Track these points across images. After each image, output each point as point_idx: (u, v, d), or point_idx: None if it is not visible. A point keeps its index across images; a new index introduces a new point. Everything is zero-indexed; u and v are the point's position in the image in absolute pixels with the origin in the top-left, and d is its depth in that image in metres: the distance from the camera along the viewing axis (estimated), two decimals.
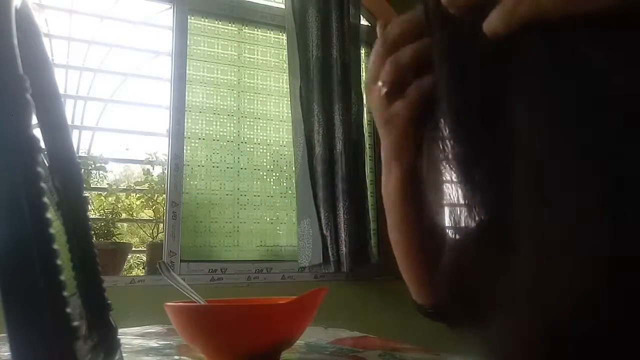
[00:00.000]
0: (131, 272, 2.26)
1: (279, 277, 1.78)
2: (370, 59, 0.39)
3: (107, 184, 1.84)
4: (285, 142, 1.91)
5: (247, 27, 1.96)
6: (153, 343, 0.65)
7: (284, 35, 1.93)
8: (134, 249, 1.87)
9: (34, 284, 0.19)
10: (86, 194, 0.34)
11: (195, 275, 1.68)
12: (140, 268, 2.29)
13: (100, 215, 1.75)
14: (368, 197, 1.85)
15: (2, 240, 0.18)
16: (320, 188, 1.74)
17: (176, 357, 0.55)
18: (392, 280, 1.70)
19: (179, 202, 1.71)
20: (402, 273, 0.45)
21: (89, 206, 0.35)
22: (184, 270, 1.68)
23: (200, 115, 1.82)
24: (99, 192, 1.80)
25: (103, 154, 1.78)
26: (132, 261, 2.32)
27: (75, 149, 0.86)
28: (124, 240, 1.82)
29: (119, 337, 0.35)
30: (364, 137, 1.90)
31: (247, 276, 1.75)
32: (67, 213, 0.30)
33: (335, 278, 1.76)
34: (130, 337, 0.70)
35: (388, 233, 0.44)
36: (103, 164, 1.76)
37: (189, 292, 0.60)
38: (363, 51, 2.05)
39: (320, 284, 1.74)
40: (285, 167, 1.91)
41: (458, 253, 0.31)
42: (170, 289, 0.60)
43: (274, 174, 1.90)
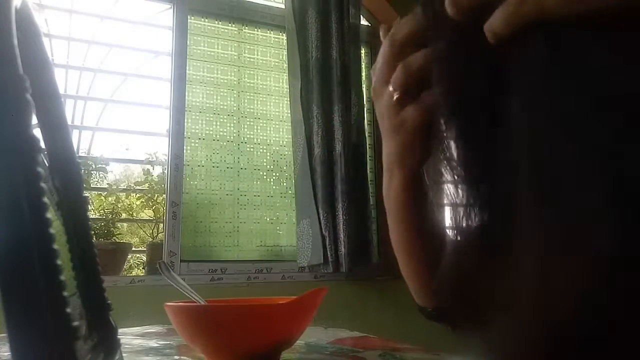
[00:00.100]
0: (131, 272, 2.26)
1: (279, 277, 1.78)
2: (377, 62, 0.38)
3: (107, 184, 1.84)
4: (285, 142, 1.91)
5: (247, 27, 1.96)
6: (153, 343, 0.65)
7: (284, 35, 1.93)
8: (134, 249, 1.87)
9: (34, 284, 0.19)
10: (86, 194, 0.34)
11: (195, 275, 1.68)
12: (140, 268, 2.30)
13: (100, 215, 1.75)
14: (370, 197, 1.85)
15: (2, 240, 0.18)
16: (319, 189, 1.74)
17: (176, 357, 0.55)
18: (392, 280, 1.71)
19: (179, 202, 1.71)
20: (403, 275, 0.45)
21: (89, 206, 0.35)
22: (184, 270, 1.68)
23: (200, 115, 1.82)
24: (99, 192, 1.80)
25: (103, 154, 1.78)
26: (132, 261, 2.32)
27: (75, 149, 0.86)
28: (124, 240, 1.82)
29: (119, 337, 0.35)
30: (365, 138, 1.90)
31: (247, 276, 1.75)
32: (67, 213, 0.30)
33: (335, 278, 1.76)
34: (130, 337, 0.70)
35: (389, 235, 0.44)
36: (103, 165, 1.76)
37: (189, 292, 0.60)
38: (363, 51, 2.05)
39: (320, 284, 1.74)
40: (285, 167, 1.91)
41: (460, 255, 0.31)
42: (170, 289, 0.60)
43: (274, 174, 1.90)
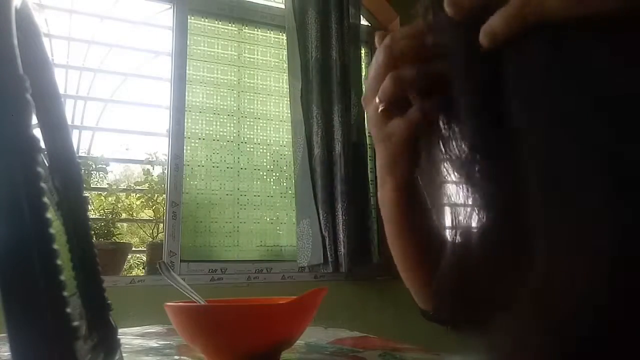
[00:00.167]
0: (131, 272, 2.26)
1: (279, 277, 1.78)
2: (370, 70, 0.38)
3: (107, 184, 1.84)
4: (285, 142, 1.91)
5: (247, 27, 1.96)
6: (153, 343, 0.65)
7: (284, 35, 1.93)
8: (134, 249, 1.87)
9: (34, 284, 0.19)
10: (86, 194, 0.34)
11: (195, 275, 1.68)
12: (140, 268, 2.30)
13: (100, 215, 1.75)
14: (370, 198, 1.85)
15: (2, 240, 0.18)
16: (319, 189, 1.74)
17: (176, 357, 0.55)
18: (392, 280, 1.70)
19: (179, 202, 1.71)
20: (403, 278, 0.45)
21: (89, 206, 0.35)
22: (184, 270, 1.68)
23: (200, 115, 1.82)
24: (99, 192, 1.80)
25: (103, 154, 1.78)
26: (132, 261, 2.32)
27: (75, 149, 0.86)
28: (124, 240, 1.82)
29: (119, 337, 0.35)
30: (365, 138, 1.90)
31: (247, 276, 1.75)
32: (67, 213, 0.30)
33: (335, 278, 1.76)
34: (130, 337, 0.70)
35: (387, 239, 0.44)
36: (103, 165, 1.76)
37: (189, 292, 0.60)
38: (363, 51, 2.05)
39: (320, 284, 1.74)
40: (285, 167, 1.90)
41: (460, 255, 0.31)
42: (170, 289, 0.60)
43: (274, 174, 1.90)
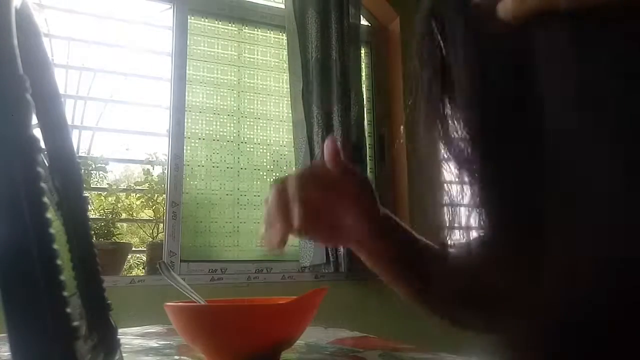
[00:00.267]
0: (131, 272, 2.26)
1: (279, 277, 1.78)
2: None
3: (107, 184, 1.84)
4: (285, 142, 1.91)
5: (247, 27, 1.96)
6: (153, 343, 0.65)
7: (284, 35, 1.92)
8: (134, 249, 1.87)
9: (34, 284, 0.19)
10: (86, 194, 0.34)
11: (195, 275, 1.68)
12: (140, 268, 2.29)
13: (100, 215, 1.75)
14: None
15: (2, 240, 0.18)
16: None
17: (176, 357, 0.55)
18: None
19: (179, 202, 1.71)
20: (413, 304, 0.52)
21: (89, 206, 0.35)
22: (184, 270, 1.68)
23: (200, 115, 1.82)
24: (99, 192, 1.80)
25: (103, 154, 1.78)
26: (132, 261, 2.32)
27: (75, 149, 0.86)
28: (124, 240, 1.82)
29: (119, 337, 0.35)
30: (365, 137, 1.90)
31: (247, 276, 1.74)
32: (67, 213, 0.30)
33: (335, 278, 1.76)
34: (130, 337, 0.70)
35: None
36: (103, 165, 1.76)
37: (189, 292, 0.60)
38: (363, 51, 2.05)
39: (320, 283, 1.74)
40: (285, 167, 1.90)
41: (465, 258, 0.31)
42: (170, 289, 0.60)
43: (274, 174, 1.89)
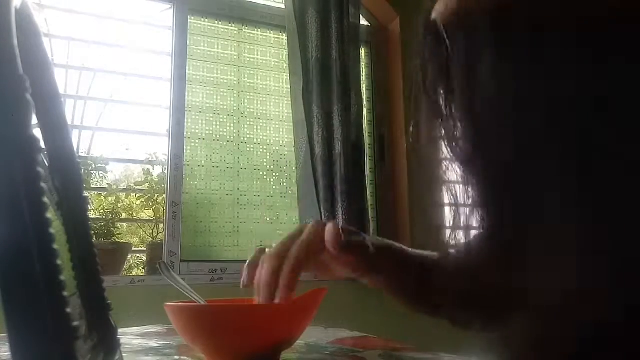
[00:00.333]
0: (131, 272, 2.26)
1: None
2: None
3: (107, 184, 1.84)
4: (285, 142, 1.91)
5: (247, 27, 1.96)
6: (153, 343, 0.65)
7: (284, 35, 1.92)
8: (134, 249, 1.87)
9: (34, 284, 0.19)
10: (86, 194, 0.34)
11: (195, 275, 1.68)
12: (140, 268, 2.29)
13: (100, 215, 1.75)
14: (367, 198, 1.85)
15: (2, 240, 0.18)
16: (321, 188, 1.74)
17: (176, 357, 0.55)
18: None
19: (179, 202, 1.71)
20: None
21: (89, 206, 0.35)
22: (184, 270, 1.68)
23: (200, 115, 1.82)
24: (99, 192, 1.80)
25: (103, 154, 1.78)
26: (132, 261, 2.32)
27: (75, 149, 0.86)
28: (124, 240, 1.82)
29: (119, 337, 0.35)
30: (364, 137, 1.90)
31: None
32: (67, 213, 0.30)
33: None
34: (130, 337, 0.70)
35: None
36: (103, 165, 1.75)
37: (189, 292, 0.60)
38: (363, 51, 2.05)
39: (320, 284, 1.73)
40: (285, 167, 1.90)
41: (465, 258, 0.31)
42: (170, 289, 0.60)
43: (274, 174, 1.89)
